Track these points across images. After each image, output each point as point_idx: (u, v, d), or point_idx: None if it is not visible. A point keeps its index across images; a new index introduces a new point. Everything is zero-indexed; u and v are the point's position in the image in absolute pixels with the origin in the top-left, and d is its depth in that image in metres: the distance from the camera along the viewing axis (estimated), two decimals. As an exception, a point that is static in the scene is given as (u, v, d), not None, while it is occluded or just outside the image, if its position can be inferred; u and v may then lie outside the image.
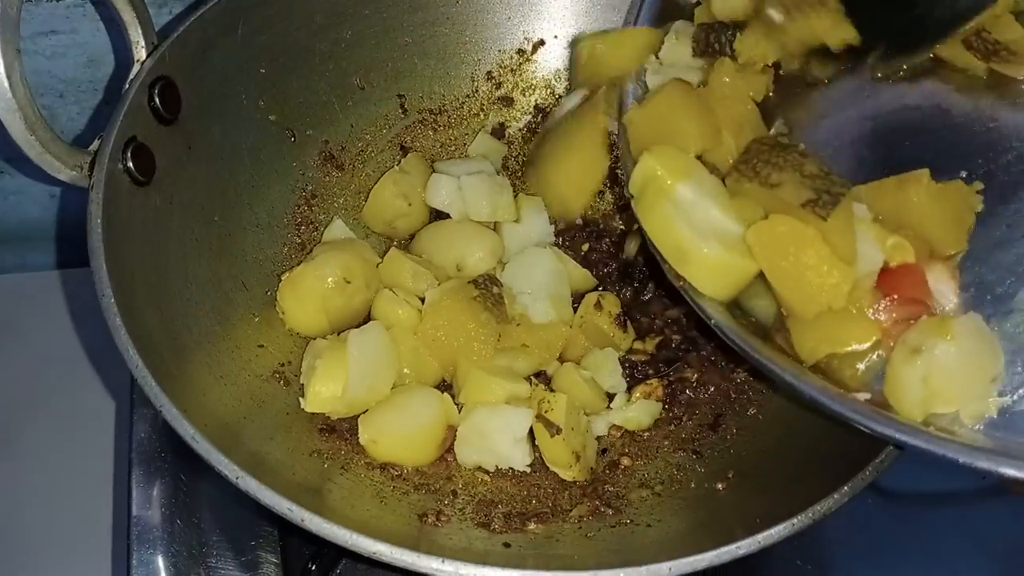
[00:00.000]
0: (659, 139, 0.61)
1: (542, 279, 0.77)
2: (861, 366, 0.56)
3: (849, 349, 0.55)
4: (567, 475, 0.68)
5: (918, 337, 0.54)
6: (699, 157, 0.60)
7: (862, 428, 0.53)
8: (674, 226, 0.57)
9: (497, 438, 0.68)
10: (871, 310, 0.55)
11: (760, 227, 0.56)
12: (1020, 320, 0.54)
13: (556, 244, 0.82)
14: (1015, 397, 0.53)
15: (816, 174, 0.55)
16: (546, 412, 0.68)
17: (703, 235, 0.56)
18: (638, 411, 0.73)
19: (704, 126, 0.61)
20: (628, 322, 0.78)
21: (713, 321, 0.58)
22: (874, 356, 0.55)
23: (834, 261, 0.54)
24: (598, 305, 0.77)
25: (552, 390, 0.72)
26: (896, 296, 0.55)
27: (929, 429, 0.52)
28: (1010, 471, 0.49)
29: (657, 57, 0.67)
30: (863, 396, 0.55)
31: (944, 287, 0.55)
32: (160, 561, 0.70)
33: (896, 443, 0.52)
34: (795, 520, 0.56)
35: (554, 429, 0.67)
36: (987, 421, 0.53)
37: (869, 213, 0.56)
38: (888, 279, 0.55)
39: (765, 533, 0.55)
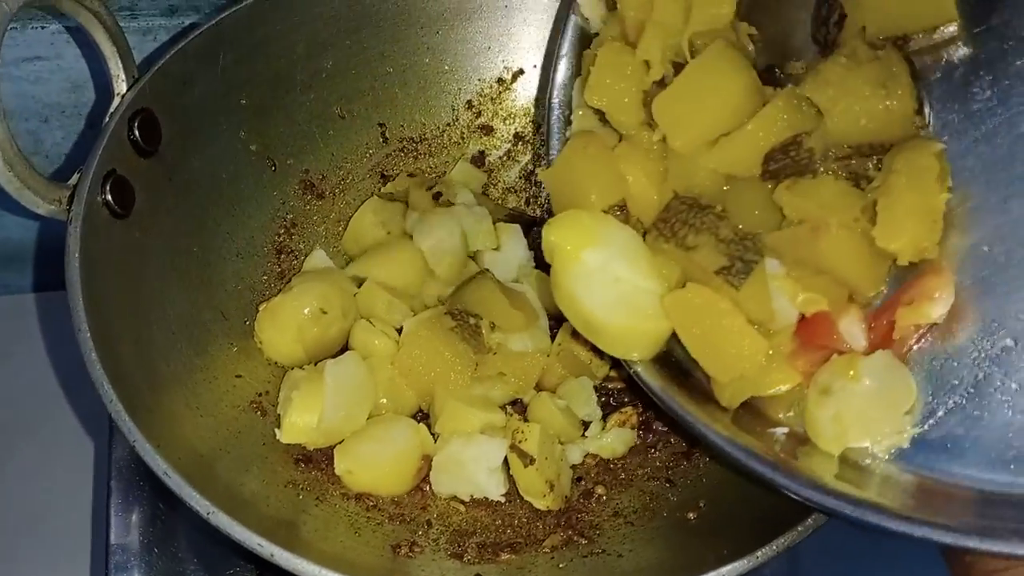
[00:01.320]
0: (569, 197, 0.61)
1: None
2: (785, 414, 0.58)
3: (770, 393, 0.57)
4: (541, 504, 0.69)
5: (827, 378, 0.55)
6: (622, 208, 0.60)
7: (778, 488, 0.53)
8: (579, 302, 0.58)
9: (472, 468, 0.69)
10: (790, 355, 0.56)
11: (675, 297, 0.57)
12: (933, 350, 0.54)
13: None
14: (926, 427, 0.54)
15: (730, 238, 0.56)
16: (520, 442, 0.68)
17: (608, 306, 0.57)
18: (613, 439, 0.74)
19: (605, 183, 0.61)
20: (605, 348, 0.79)
21: (632, 370, 0.59)
22: (798, 399, 0.57)
23: (748, 332, 0.55)
24: (576, 333, 0.77)
25: (527, 419, 0.72)
26: (812, 342, 0.56)
27: (836, 486, 0.52)
28: (907, 529, 0.48)
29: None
30: (781, 430, 0.57)
31: (854, 329, 0.56)
32: (138, 589, 0.71)
33: (804, 501, 0.52)
34: (759, 552, 0.57)
35: (527, 459, 0.68)
36: (897, 452, 0.54)
37: (782, 268, 0.56)
38: (803, 328, 0.56)
39: (730, 566, 0.56)
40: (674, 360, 0.60)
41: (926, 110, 0.56)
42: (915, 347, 0.55)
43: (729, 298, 0.55)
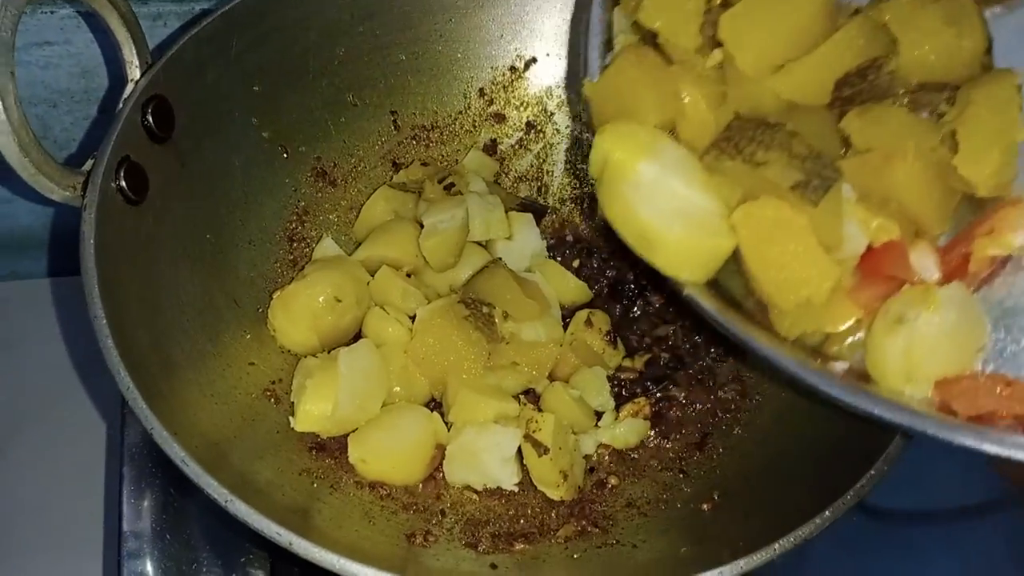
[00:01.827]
0: (618, 113, 0.56)
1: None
2: (841, 346, 0.56)
3: (830, 329, 0.55)
4: (555, 494, 0.69)
5: (901, 307, 0.53)
6: (671, 133, 0.56)
7: (842, 405, 0.52)
8: (635, 211, 0.53)
9: (485, 457, 0.69)
10: (851, 289, 0.54)
11: (747, 210, 0.53)
12: (1006, 285, 0.53)
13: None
14: (994, 366, 0.52)
15: (805, 155, 0.52)
16: (534, 432, 0.68)
17: (667, 218, 0.53)
18: (626, 430, 0.74)
19: (661, 95, 0.56)
20: (618, 339, 0.79)
21: (685, 292, 0.56)
22: (856, 335, 0.55)
23: (819, 254, 0.52)
24: (588, 322, 0.78)
25: (540, 409, 0.72)
26: (877, 274, 0.54)
27: (907, 402, 0.51)
28: (993, 448, 0.48)
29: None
30: (841, 365, 0.54)
31: (927, 261, 0.54)
32: (151, 575, 0.71)
33: (877, 419, 0.51)
34: (776, 545, 0.57)
35: (542, 449, 0.68)
36: None
37: (854, 193, 0.53)
38: (870, 257, 0.54)
39: (747, 558, 0.56)
40: (723, 291, 0.57)
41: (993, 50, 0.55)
42: (984, 284, 0.53)
43: (804, 215, 0.52)
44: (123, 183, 0.64)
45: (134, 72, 0.68)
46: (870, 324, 0.54)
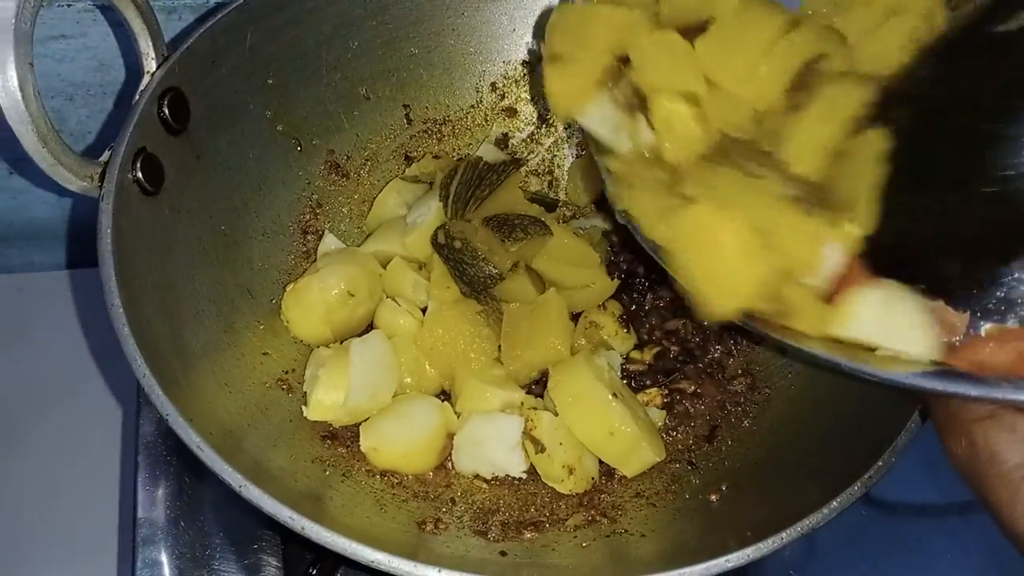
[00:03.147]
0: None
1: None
2: None
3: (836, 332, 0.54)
4: (563, 488, 0.69)
5: None
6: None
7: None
8: None
9: (492, 446, 0.70)
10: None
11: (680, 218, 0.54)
12: None
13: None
14: None
15: (803, 180, 0.54)
16: (531, 430, 0.69)
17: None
18: (637, 420, 0.74)
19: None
20: (630, 325, 0.79)
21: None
22: None
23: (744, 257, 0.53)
24: (603, 306, 0.78)
25: (544, 398, 0.72)
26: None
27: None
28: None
29: None
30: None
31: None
32: (165, 562, 0.72)
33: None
34: (784, 534, 0.57)
35: (539, 446, 0.68)
36: None
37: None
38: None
39: (754, 547, 0.56)
40: None
41: None
42: None
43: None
44: (139, 174, 0.65)
45: (150, 64, 0.69)
46: None
